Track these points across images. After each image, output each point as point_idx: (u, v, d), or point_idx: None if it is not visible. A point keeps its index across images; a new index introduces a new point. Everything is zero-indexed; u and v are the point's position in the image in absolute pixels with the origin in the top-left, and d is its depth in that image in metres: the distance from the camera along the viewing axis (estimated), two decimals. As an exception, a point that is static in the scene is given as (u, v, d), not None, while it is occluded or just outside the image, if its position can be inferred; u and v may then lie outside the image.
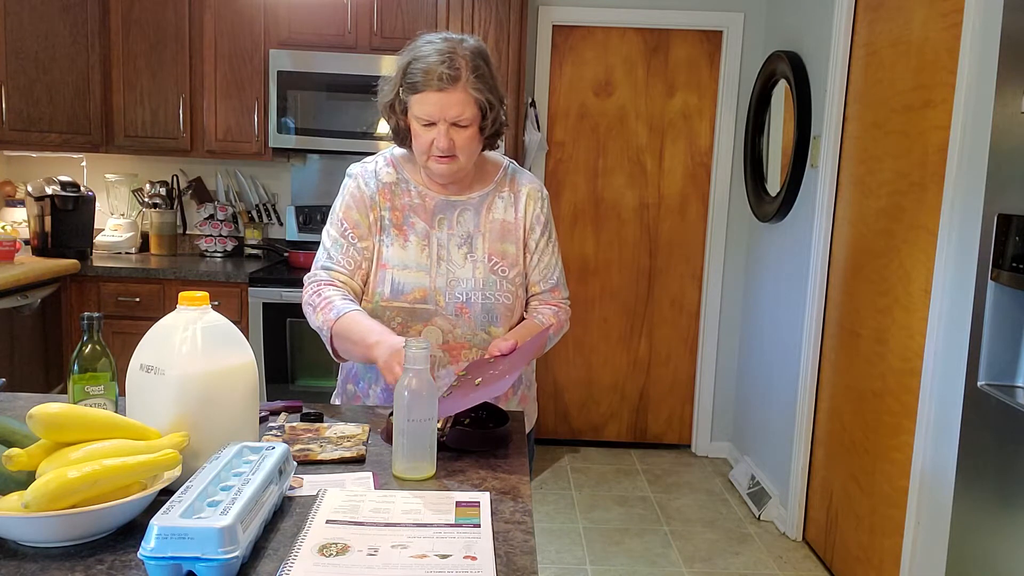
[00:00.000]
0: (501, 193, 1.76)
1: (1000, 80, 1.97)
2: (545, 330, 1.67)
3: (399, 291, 1.68)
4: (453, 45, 1.59)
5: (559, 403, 4.42)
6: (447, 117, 1.58)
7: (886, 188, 2.76)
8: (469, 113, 1.58)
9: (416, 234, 1.71)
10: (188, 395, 1.18)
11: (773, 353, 3.71)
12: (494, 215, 1.74)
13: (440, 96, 1.56)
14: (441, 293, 1.68)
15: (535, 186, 1.79)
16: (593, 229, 4.29)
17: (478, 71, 1.58)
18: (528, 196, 1.76)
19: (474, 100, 1.58)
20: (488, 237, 1.72)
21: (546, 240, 1.78)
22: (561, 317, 1.78)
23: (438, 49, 1.58)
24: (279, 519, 1.12)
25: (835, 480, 3.08)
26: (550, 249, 1.79)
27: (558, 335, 1.80)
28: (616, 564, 3.12)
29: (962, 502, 2.03)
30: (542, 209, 1.77)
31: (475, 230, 1.72)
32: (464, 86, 1.57)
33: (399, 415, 1.26)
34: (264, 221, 4.11)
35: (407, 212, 1.72)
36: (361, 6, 3.68)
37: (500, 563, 1.02)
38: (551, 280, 1.79)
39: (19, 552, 1.00)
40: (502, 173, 1.78)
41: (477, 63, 1.59)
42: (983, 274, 1.96)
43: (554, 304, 1.79)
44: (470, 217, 1.73)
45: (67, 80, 3.63)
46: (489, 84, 1.61)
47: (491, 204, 1.75)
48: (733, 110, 4.14)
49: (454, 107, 1.57)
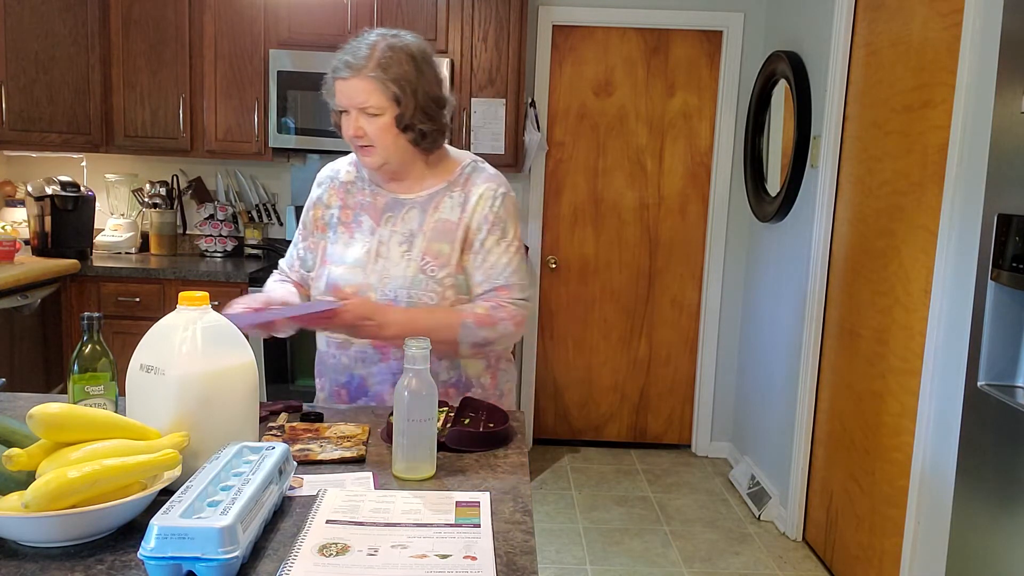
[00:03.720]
0: (452, 192, 1.72)
1: (1000, 80, 1.97)
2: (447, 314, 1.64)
3: (333, 286, 1.72)
4: (377, 39, 1.62)
5: (559, 403, 4.42)
6: (354, 104, 1.61)
7: (886, 188, 2.76)
8: (375, 101, 1.60)
9: (362, 232, 1.73)
10: (188, 395, 1.18)
11: (773, 353, 3.71)
12: (440, 214, 1.71)
13: (344, 83, 1.61)
14: (374, 290, 1.68)
15: (490, 185, 1.72)
16: (593, 229, 4.29)
17: (387, 61, 1.59)
18: (480, 196, 1.70)
19: (379, 89, 1.59)
20: (428, 236, 1.69)
21: (495, 240, 1.70)
22: (498, 315, 1.66)
23: (359, 41, 1.63)
24: (279, 519, 1.12)
25: (835, 480, 3.08)
26: (501, 248, 1.70)
27: (487, 329, 1.65)
28: (616, 564, 3.12)
29: (962, 502, 2.03)
30: (492, 208, 1.70)
31: (418, 228, 1.71)
32: (366, 74, 1.58)
33: (399, 415, 1.26)
34: (264, 221, 4.11)
35: (358, 210, 1.75)
36: (361, 6, 3.68)
37: (500, 563, 1.02)
38: (497, 280, 1.70)
39: (19, 552, 1.00)
40: (458, 172, 1.74)
41: (390, 55, 1.60)
42: (983, 274, 1.96)
43: (493, 301, 1.68)
44: (415, 215, 1.72)
45: (67, 80, 3.63)
46: (399, 76, 1.59)
47: (439, 203, 1.72)
48: (733, 110, 4.14)
49: (358, 94, 1.60)
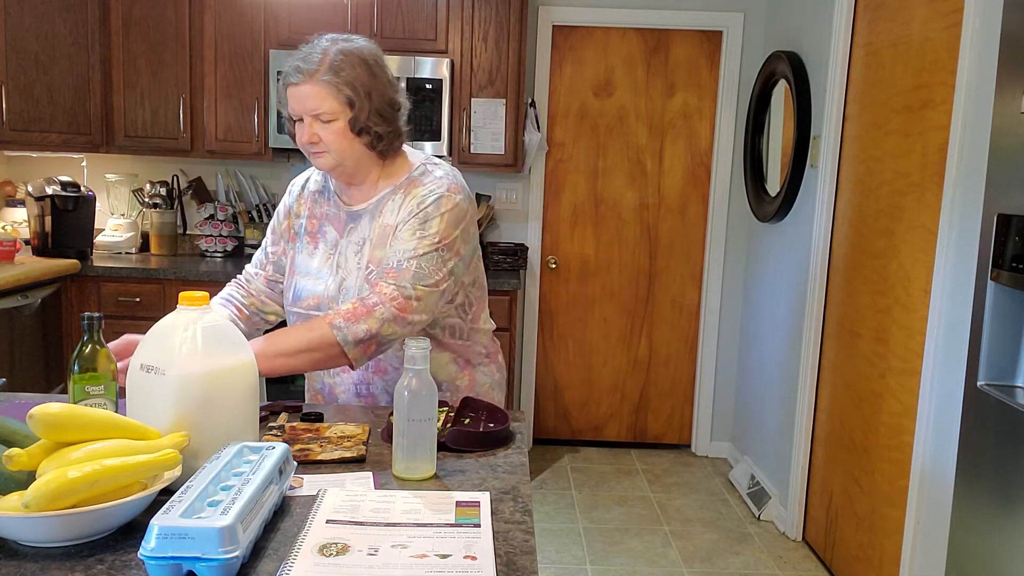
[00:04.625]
0: (395, 196, 1.67)
1: (1000, 80, 1.97)
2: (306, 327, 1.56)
3: (298, 297, 1.73)
4: (328, 44, 1.60)
5: (559, 403, 4.42)
6: (306, 110, 1.59)
7: (886, 188, 2.76)
8: (327, 107, 1.57)
9: (326, 242, 1.73)
10: (188, 395, 1.18)
11: (773, 353, 3.71)
12: (383, 219, 1.67)
13: (296, 89, 1.58)
14: (333, 300, 1.67)
15: (431, 187, 1.64)
16: (593, 229, 4.29)
17: (338, 66, 1.57)
18: (413, 196, 1.64)
19: (331, 93, 1.57)
20: (373, 243, 1.67)
21: (410, 231, 1.61)
22: (369, 301, 1.55)
23: (311, 47, 1.60)
24: (279, 519, 1.12)
25: (835, 480, 3.08)
26: (413, 237, 1.60)
27: (364, 321, 1.53)
28: (616, 564, 3.12)
29: (962, 502, 2.03)
30: (419, 206, 1.62)
31: (367, 236, 1.69)
32: (318, 79, 1.56)
33: (399, 415, 1.26)
34: (264, 221, 4.10)
35: (323, 221, 1.74)
36: (361, 6, 3.68)
37: (500, 563, 1.02)
38: (389, 262, 1.60)
39: (19, 552, 1.00)
40: (406, 176, 1.69)
41: (341, 59, 1.57)
42: (983, 274, 1.96)
43: (376, 284, 1.59)
44: (366, 223, 1.69)
45: (67, 80, 3.63)
46: (351, 79, 1.57)
47: (383, 208, 1.68)
48: (733, 110, 4.14)
49: (309, 99, 1.57)
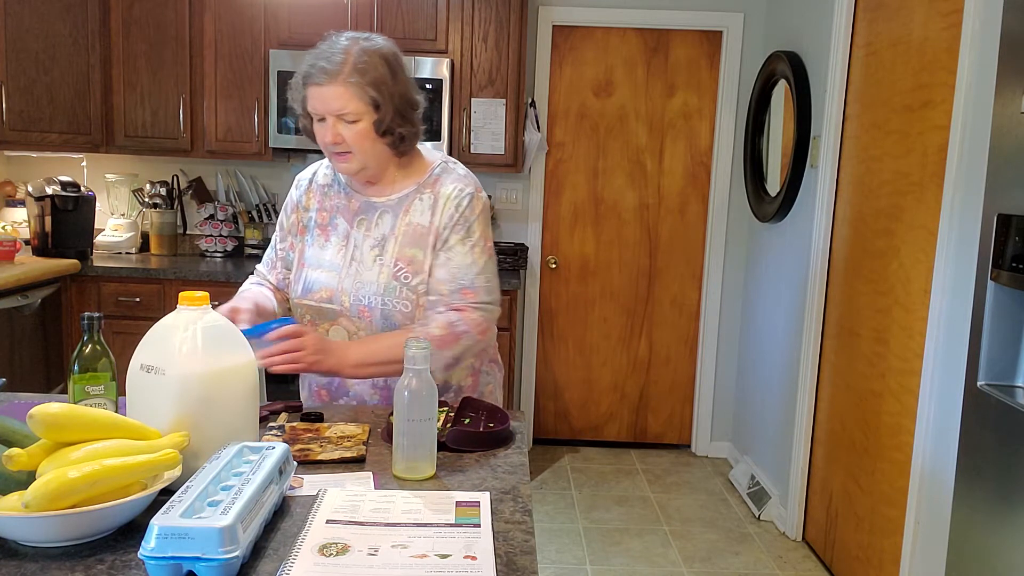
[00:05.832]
0: (422, 195, 1.69)
1: (1000, 80, 1.97)
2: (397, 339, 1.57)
3: (308, 289, 1.72)
4: (349, 43, 1.60)
5: (559, 403, 4.42)
6: (331, 111, 1.59)
7: (886, 188, 2.76)
8: (353, 107, 1.58)
9: (337, 235, 1.73)
10: (188, 395, 1.18)
11: (773, 353, 3.71)
12: (411, 218, 1.68)
13: (321, 90, 1.58)
14: (347, 294, 1.68)
15: (458, 187, 1.69)
16: (593, 229, 4.29)
17: (363, 66, 1.57)
18: (447, 197, 1.67)
19: (356, 95, 1.57)
20: (399, 241, 1.67)
21: (459, 239, 1.67)
22: (458, 329, 1.61)
23: (330, 46, 1.60)
24: (279, 519, 1.12)
25: (835, 480, 3.08)
26: (466, 248, 1.67)
27: (450, 349, 1.61)
28: (616, 564, 3.12)
29: (962, 502, 2.03)
30: (457, 210, 1.67)
31: (389, 233, 1.69)
32: (344, 80, 1.56)
33: (399, 415, 1.26)
34: (264, 221, 4.11)
35: (334, 213, 1.75)
36: (361, 6, 3.68)
37: (500, 563, 1.02)
38: (462, 281, 1.66)
39: (19, 552, 1.00)
40: (428, 174, 1.71)
41: (365, 59, 1.58)
42: (983, 274, 1.96)
43: (458, 307, 1.65)
44: (388, 220, 1.70)
45: (67, 80, 3.63)
46: (376, 80, 1.58)
47: (410, 206, 1.69)
48: (733, 110, 4.14)
49: (335, 100, 1.58)
